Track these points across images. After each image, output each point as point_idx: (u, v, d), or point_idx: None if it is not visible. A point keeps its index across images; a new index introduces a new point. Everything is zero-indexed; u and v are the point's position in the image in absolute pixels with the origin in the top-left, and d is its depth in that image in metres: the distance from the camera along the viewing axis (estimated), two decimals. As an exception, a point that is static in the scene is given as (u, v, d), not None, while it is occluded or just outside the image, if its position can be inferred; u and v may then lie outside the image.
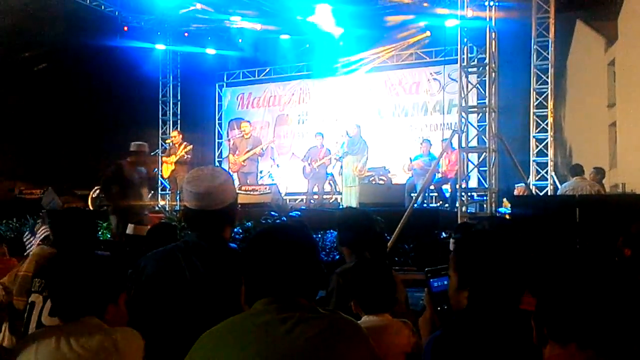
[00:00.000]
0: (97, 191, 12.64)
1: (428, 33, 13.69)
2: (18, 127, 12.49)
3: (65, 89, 13.27)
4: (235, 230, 9.14)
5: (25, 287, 3.25)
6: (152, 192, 11.05)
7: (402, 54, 14.70)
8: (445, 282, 2.18)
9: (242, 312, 1.73)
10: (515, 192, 11.17)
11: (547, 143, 12.54)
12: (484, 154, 9.56)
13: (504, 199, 10.82)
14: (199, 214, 2.39)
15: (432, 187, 11.97)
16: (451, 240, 4.21)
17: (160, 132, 16.67)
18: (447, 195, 11.89)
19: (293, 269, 1.72)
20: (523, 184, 11.22)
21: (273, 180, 13.62)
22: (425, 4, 12.79)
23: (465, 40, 9.75)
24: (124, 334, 2.04)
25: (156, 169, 14.70)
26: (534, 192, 11.82)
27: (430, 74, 14.56)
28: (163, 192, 15.59)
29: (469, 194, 9.86)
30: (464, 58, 9.75)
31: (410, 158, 12.34)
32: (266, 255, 1.74)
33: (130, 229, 5.08)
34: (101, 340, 1.97)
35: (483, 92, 10.06)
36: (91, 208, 12.22)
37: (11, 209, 11.10)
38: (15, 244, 6.22)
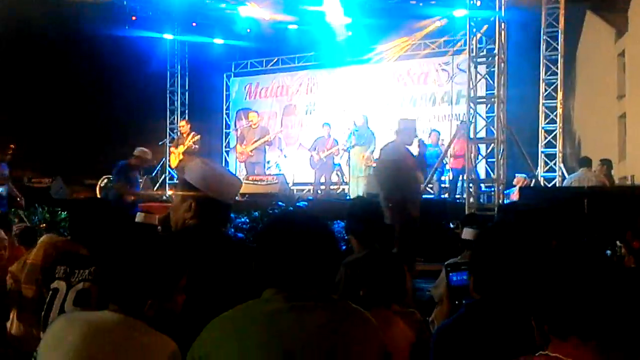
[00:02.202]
0: (105, 180, 12.68)
1: (439, 23, 13.60)
2: (26, 116, 12.54)
3: (73, 78, 13.29)
4: (242, 220, 9.17)
5: (34, 275, 3.25)
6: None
7: (411, 44, 14.60)
8: (464, 277, 2.17)
9: (252, 300, 1.72)
10: (514, 182, 11.10)
11: (556, 134, 12.49)
12: (492, 144, 9.53)
13: None
14: (219, 205, 2.35)
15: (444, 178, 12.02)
16: (465, 230, 4.20)
17: (168, 122, 16.71)
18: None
19: (305, 259, 1.70)
20: (524, 175, 11.18)
21: (280, 170, 13.63)
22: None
23: (474, 30, 9.69)
24: (158, 347, 1.85)
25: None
26: (541, 183, 11.78)
27: (439, 64, 14.48)
28: (171, 182, 15.63)
29: (478, 184, 9.84)
30: (472, 48, 9.70)
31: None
32: (279, 243, 1.72)
33: (140, 217, 5.08)
34: (125, 341, 1.84)
35: (492, 82, 10.02)
36: (99, 197, 12.25)
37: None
38: (24, 233, 6.25)
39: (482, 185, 10.36)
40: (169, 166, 14.42)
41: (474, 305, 1.95)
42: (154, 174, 14.87)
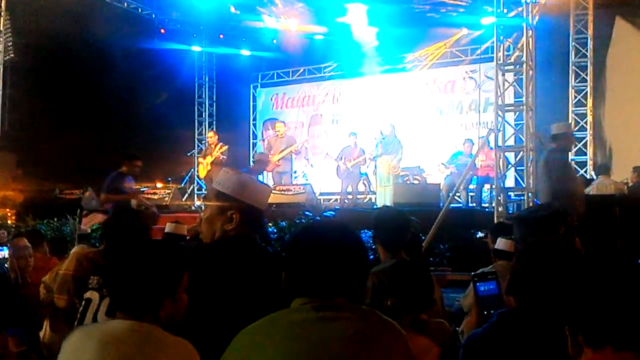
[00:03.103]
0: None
1: (465, 30, 13.54)
2: (58, 128, 12.76)
3: (104, 91, 13.51)
4: (269, 230, 9.20)
5: (66, 285, 3.30)
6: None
7: (438, 53, 14.56)
8: (492, 286, 2.16)
9: (281, 310, 1.71)
10: None
11: (586, 142, 12.33)
12: (521, 153, 9.43)
13: None
14: (257, 213, 2.37)
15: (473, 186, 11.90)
16: (499, 240, 4.14)
17: (196, 132, 16.90)
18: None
19: (334, 268, 1.68)
20: None
21: (307, 180, 13.64)
22: (461, 2, 12.68)
23: (502, 37, 9.62)
24: (176, 349, 1.88)
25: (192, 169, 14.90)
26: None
27: (466, 72, 14.40)
28: (199, 192, 15.77)
29: (507, 193, 9.73)
30: (500, 56, 9.63)
31: (444, 163, 12.17)
32: (308, 253, 1.71)
33: (170, 227, 5.14)
34: (141, 347, 1.84)
35: (520, 90, 9.93)
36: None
37: (52, 209, 11.33)
38: (56, 243, 6.36)
39: (512, 194, 10.24)
40: (197, 177, 14.55)
41: (507, 314, 1.93)
42: (182, 184, 15.02)
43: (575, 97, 12.51)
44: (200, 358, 1.85)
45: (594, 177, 12.01)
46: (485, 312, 2.14)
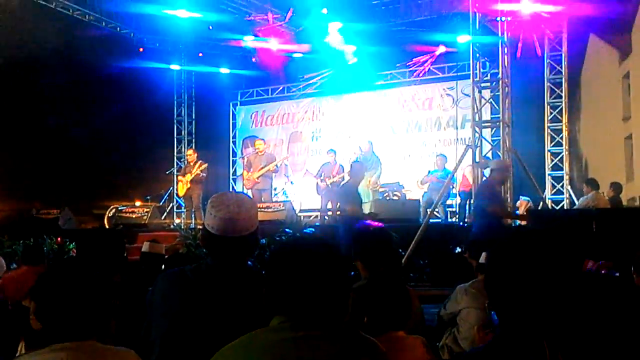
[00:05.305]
0: (113, 210, 12.72)
1: (443, 48, 13.69)
2: (35, 147, 12.64)
3: (82, 109, 13.43)
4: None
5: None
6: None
7: (415, 70, 14.70)
8: None
9: (260, 329, 1.68)
10: (517, 205, 11.04)
11: (562, 157, 12.49)
12: (499, 168, 9.51)
13: None
14: (219, 240, 2.27)
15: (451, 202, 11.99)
16: (484, 254, 4.15)
17: (175, 151, 16.82)
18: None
19: (313, 286, 1.65)
20: (527, 198, 11.14)
21: (287, 197, 13.63)
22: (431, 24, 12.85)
23: (478, 55, 9.76)
24: (124, 356, 1.99)
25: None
26: (549, 206, 11.74)
27: (444, 89, 14.55)
28: (178, 211, 15.69)
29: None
30: (476, 73, 9.76)
31: (420, 182, 12.30)
32: (286, 270, 1.67)
33: (146, 246, 5.10)
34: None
35: (497, 106, 10.06)
36: (107, 227, 12.29)
37: (28, 229, 11.18)
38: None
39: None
40: (177, 195, 14.48)
41: (501, 333, 1.89)
42: (161, 203, 14.92)
43: (551, 113, 12.69)
44: None
45: (571, 191, 12.17)
46: None
